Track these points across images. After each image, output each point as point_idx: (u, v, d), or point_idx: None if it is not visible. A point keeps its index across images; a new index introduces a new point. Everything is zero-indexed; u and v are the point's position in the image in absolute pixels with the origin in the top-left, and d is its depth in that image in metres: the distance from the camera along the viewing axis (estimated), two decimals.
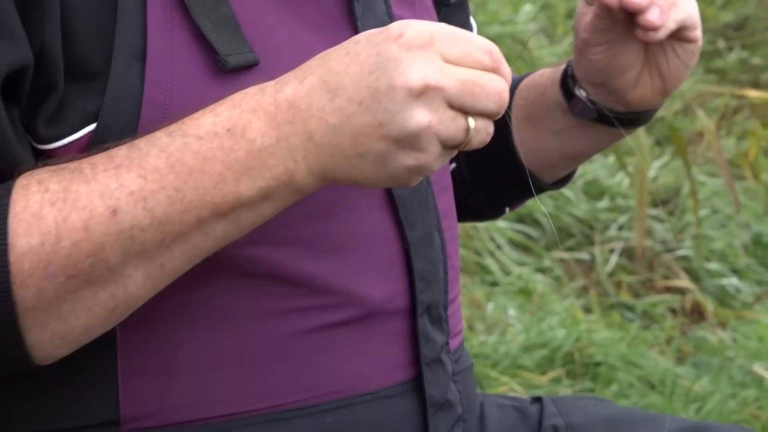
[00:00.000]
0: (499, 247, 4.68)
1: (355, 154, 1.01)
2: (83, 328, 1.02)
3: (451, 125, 1.01)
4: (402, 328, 1.21)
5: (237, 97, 1.03)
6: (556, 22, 7.46)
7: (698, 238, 5.08)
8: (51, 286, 0.98)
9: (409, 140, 1.00)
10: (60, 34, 1.02)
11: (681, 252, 5.02)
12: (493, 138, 1.14)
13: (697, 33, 1.36)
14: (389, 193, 1.20)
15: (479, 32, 1.44)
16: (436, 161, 1.03)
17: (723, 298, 4.89)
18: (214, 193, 1.00)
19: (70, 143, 1.04)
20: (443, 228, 1.28)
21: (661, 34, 1.27)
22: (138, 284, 1.01)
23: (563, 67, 1.49)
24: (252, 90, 1.03)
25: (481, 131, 1.03)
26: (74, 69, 1.04)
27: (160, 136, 1.01)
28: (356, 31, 1.16)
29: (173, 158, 0.99)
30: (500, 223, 4.68)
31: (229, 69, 1.06)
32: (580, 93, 1.42)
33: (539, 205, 4.60)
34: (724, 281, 4.96)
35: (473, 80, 1.01)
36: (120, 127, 1.04)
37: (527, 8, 6.85)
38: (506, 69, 1.06)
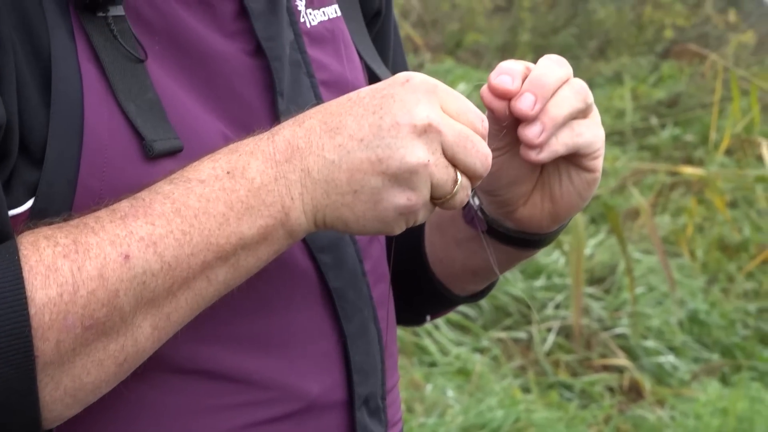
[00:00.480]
0: (437, 327, 4.69)
1: (350, 191, 1.02)
2: (93, 384, 1.01)
3: (444, 171, 1.03)
4: (340, 421, 1.21)
5: (233, 145, 1.05)
6: None
7: (635, 316, 5.12)
8: (69, 338, 0.97)
9: (406, 176, 1.02)
10: (17, 104, 1.02)
11: (618, 330, 5.05)
12: (408, 246, 1.24)
13: (596, 164, 1.25)
14: (325, 287, 1.19)
15: None
16: (423, 208, 1.04)
17: (660, 375, 4.91)
18: (218, 234, 1.01)
19: (14, 216, 1.02)
20: (379, 318, 1.27)
21: (543, 156, 1.17)
22: (146, 335, 1.01)
23: None
24: (247, 139, 1.05)
25: (465, 189, 1.05)
26: (21, 141, 1.03)
27: (162, 185, 1.02)
28: (277, 116, 1.18)
29: (178, 203, 1.00)
30: None
31: (155, 155, 1.06)
32: (474, 201, 1.35)
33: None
34: (662, 359, 4.99)
35: (467, 135, 1.04)
36: (55, 210, 1.03)
37: (462, 87, 6.95)
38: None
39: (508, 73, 1.15)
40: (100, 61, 1.07)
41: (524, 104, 1.13)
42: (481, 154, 1.05)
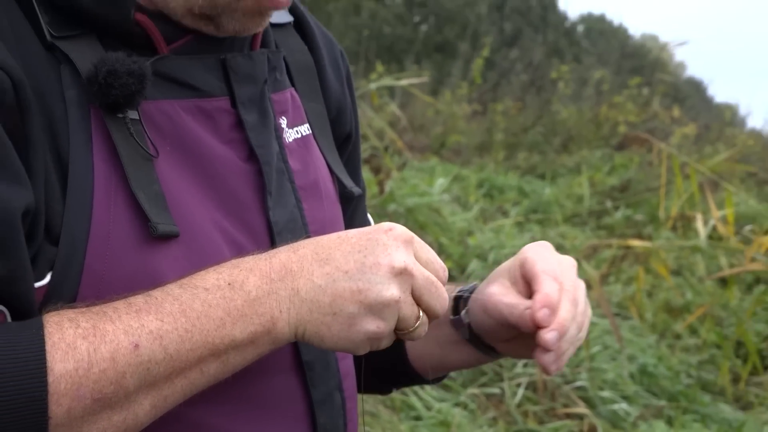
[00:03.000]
0: (422, 386, 4.57)
1: (330, 312, 1.03)
2: None
3: (410, 308, 1.05)
4: None
5: (234, 261, 1.05)
6: (468, 191, 7.59)
7: (592, 371, 5.12)
8: (79, 407, 0.95)
9: (379, 308, 1.03)
10: (44, 193, 1.02)
11: (578, 383, 5.03)
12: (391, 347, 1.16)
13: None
14: (297, 358, 1.20)
15: (401, 204, 1.41)
16: (387, 336, 1.06)
17: (615, 420, 4.92)
18: (215, 335, 1.00)
19: (38, 288, 1.02)
20: (343, 388, 1.27)
21: (556, 370, 1.20)
22: (145, 411, 1.00)
23: (456, 290, 1.39)
24: (247, 257, 1.05)
25: (423, 325, 1.07)
26: (46, 225, 1.03)
27: (173, 288, 1.02)
28: (268, 220, 1.19)
29: (185, 305, 1.00)
30: None
31: (158, 235, 1.05)
32: (465, 317, 1.34)
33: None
34: (615, 406, 4.99)
35: (433, 281, 1.07)
36: (67, 286, 1.03)
37: (441, 180, 6.98)
38: (445, 294, 1.10)
39: (548, 306, 1.17)
40: (117, 155, 1.06)
41: (551, 339, 1.15)
42: (442, 298, 1.07)
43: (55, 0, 1.05)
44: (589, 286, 5.05)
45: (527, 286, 1.25)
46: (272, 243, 1.18)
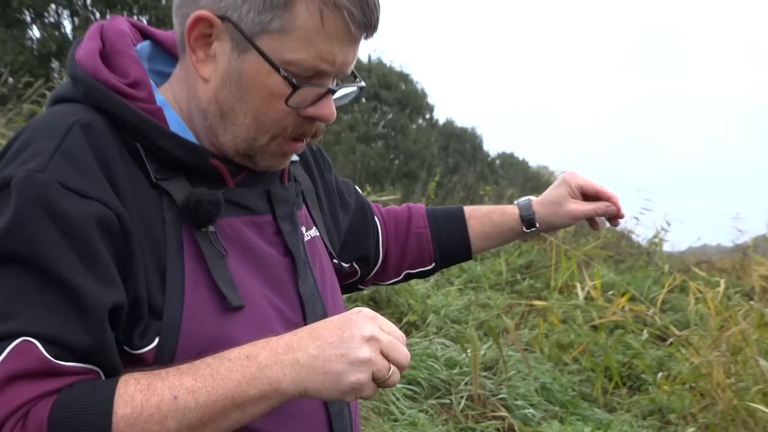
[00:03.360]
0: (398, 399, 4.62)
1: (323, 372, 0.96)
2: None
3: (381, 363, 0.98)
4: None
5: (253, 342, 0.99)
6: None
7: (509, 387, 5.10)
8: None
9: (357, 364, 0.96)
10: (145, 288, 0.98)
11: (501, 395, 5.01)
12: (459, 256, 1.47)
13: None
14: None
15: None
16: (368, 385, 0.98)
17: (525, 421, 4.89)
18: (234, 391, 0.94)
19: (148, 350, 0.99)
20: (350, 405, 1.22)
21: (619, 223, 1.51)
22: None
23: (517, 212, 1.56)
24: (262, 340, 0.99)
25: (395, 374, 0.99)
26: (152, 308, 1.00)
27: (209, 359, 0.97)
28: (299, 294, 1.14)
29: (213, 370, 0.95)
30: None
31: (232, 308, 1.02)
32: (539, 227, 1.54)
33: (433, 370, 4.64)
34: (526, 411, 4.96)
35: (395, 343, 0.99)
36: (167, 346, 1.00)
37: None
38: (405, 351, 1.04)
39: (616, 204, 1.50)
40: (202, 255, 1.02)
41: (624, 214, 1.52)
42: (403, 354, 1.00)
43: (157, 154, 1.02)
44: (506, 331, 5.12)
45: (585, 196, 1.52)
46: (302, 308, 1.14)
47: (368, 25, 1.01)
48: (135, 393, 0.92)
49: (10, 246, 0.90)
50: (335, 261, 1.33)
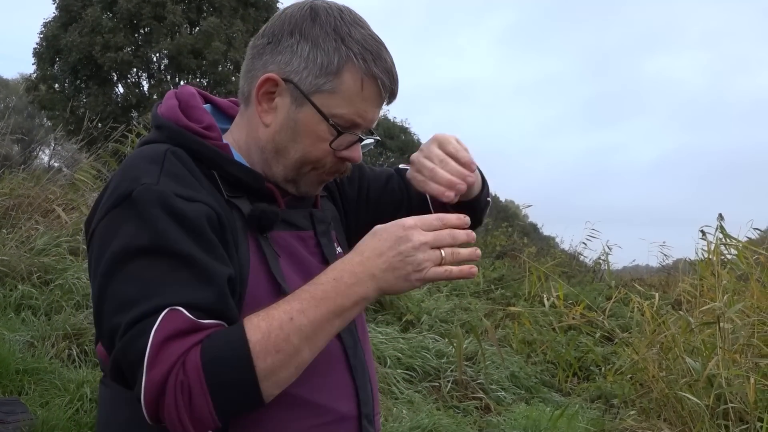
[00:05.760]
0: (398, 381, 4.52)
1: (395, 278, 0.93)
2: (286, 379, 0.91)
3: (434, 255, 0.93)
4: (354, 428, 1.08)
5: (333, 266, 0.96)
6: None
7: (486, 374, 5.03)
8: (270, 359, 0.89)
9: (418, 265, 0.93)
10: (236, 270, 0.97)
11: (479, 380, 4.94)
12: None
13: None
14: (348, 363, 1.09)
15: None
16: (432, 271, 0.94)
17: (498, 401, 4.81)
18: (334, 304, 0.93)
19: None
20: (372, 381, 1.15)
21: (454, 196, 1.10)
22: (306, 357, 0.92)
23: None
24: (339, 261, 0.97)
25: (449, 254, 0.94)
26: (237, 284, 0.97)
27: (305, 287, 0.95)
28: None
29: (313, 293, 0.93)
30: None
31: (283, 293, 0.98)
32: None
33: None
34: (499, 394, 4.89)
35: (438, 234, 0.94)
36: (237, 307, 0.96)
37: None
38: (456, 215, 0.97)
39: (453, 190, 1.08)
40: (263, 253, 1.01)
41: (449, 196, 1.08)
42: (448, 238, 0.95)
43: (227, 178, 1.02)
44: (486, 330, 5.05)
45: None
46: None
47: (392, 92, 1.05)
48: (259, 322, 0.91)
49: (142, 241, 0.90)
50: None
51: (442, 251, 0.94)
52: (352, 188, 1.29)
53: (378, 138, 1.12)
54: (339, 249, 1.18)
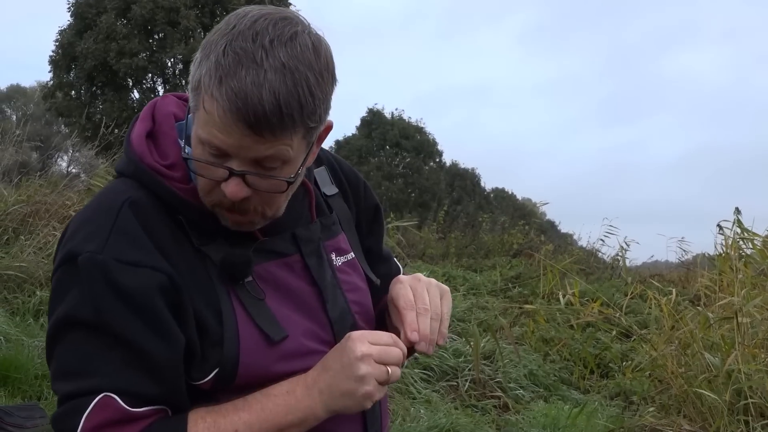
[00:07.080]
0: (415, 381, 4.52)
1: (340, 394, 0.94)
2: None
3: (379, 370, 0.94)
4: None
5: (291, 378, 0.97)
6: (437, 279, 7.55)
7: (504, 373, 5.00)
8: None
9: (360, 380, 0.93)
10: (196, 330, 0.94)
11: (497, 379, 4.91)
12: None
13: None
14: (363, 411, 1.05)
15: None
16: (376, 390, 0.95)
17: (517, 399, 4.79)
18: (280, 420, 0.94)
19: (206, 381, 0.95)
20: (383, 425, 1.14)
21: (430, 352, 1.03)
22: None
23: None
24: (297, 376, 0.97)
25: (394, 372, 0.95)
26: (208, 341, 0.95)
27: (258, 395, 0.95)
28: (328, 317, 1.06)
29: (263, 405, 0.94)
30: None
31: (274, 342, 0.97)
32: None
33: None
34: (517, 392, 4.86)
35: (383, 349, 0.95)
36: (228, 373, 0.95)
37: (423, 273, 6.82)
38: (402, 345, 0.98)
39: (413, 330, 1.01)
40: (243, 304, 0.97)
41: (422, 348, 1.01)
42: (393, 355, 0.96)
43: (199, 225, 0.98)
44: (502, 328, 5.03)
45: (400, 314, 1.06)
46: (332, 327, 1.06)
47: (257, 119, 0.85)
48: (202, 429, 0.91)
49: (85, 315, 0.89)
50: (370, 278, 1.22)
51: (389, 368, 0.94)
52: (366, 212, 1.22)
53: (286, 179, 0.93)
54: (342, 259, 1.12)
